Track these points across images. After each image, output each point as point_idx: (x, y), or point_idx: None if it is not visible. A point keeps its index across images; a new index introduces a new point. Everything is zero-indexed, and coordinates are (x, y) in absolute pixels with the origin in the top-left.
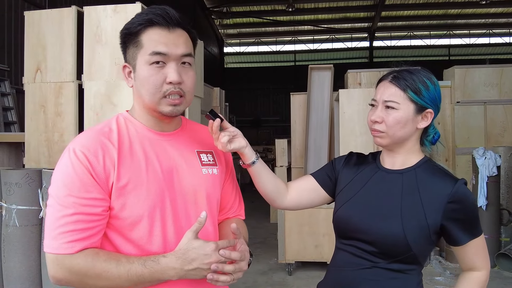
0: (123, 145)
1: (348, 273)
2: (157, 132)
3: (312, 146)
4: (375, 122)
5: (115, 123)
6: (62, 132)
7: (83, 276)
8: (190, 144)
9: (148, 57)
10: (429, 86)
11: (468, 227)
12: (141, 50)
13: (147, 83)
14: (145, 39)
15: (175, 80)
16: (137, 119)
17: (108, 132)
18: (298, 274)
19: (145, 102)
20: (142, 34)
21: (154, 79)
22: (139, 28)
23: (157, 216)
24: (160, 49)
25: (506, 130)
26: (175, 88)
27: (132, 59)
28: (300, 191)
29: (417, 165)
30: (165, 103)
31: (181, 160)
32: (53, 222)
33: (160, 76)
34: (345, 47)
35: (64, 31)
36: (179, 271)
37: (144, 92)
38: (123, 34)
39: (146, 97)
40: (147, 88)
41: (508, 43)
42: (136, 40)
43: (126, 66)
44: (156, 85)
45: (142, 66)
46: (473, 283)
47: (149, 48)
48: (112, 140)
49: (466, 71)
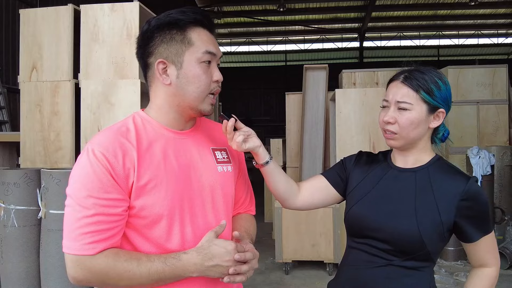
0: (141, 144)
1: (363, 271)
2: (174, 130)
3: (307, 146)
4: (388, 123)
5: (132, 123)
6: (58, 131)
7: (104, 276)
8: (205, 141)
9: (201, 55)
10: (441, 86)
11: (480, 224)
12: (191, 48)
13: (199, 80)
14: (194, 37)
15: (221, 79)
16: (155, 118)
17: (126, 131)
18: (295, 273)
19: (187, 100)
20: (191, 32)
21: (205, 78)
22: (189, 25)
23: (176, 215)
24: (211, 49)
25: (499, 130)
26: (219, 86)
27: (176, 56)
28: (312, 191)
29: (430, 163)
30: (208, 101)
31: (197, 158)
32: (73, 223)
33: (208, 74)
34: (335, 47)
35: (61, 29)
36: (200, 267)
37: (192, 89)
38: (161, 30)
39: (193, 95)
40: (198, 85)
41: (496, 43)
42: (184, 36)
43: (161, 62)
44: (207, 83)
45: (192, 63)
46: (484, 279)
47: (201, 47)
48: (131, 139)
49: (459, 71)
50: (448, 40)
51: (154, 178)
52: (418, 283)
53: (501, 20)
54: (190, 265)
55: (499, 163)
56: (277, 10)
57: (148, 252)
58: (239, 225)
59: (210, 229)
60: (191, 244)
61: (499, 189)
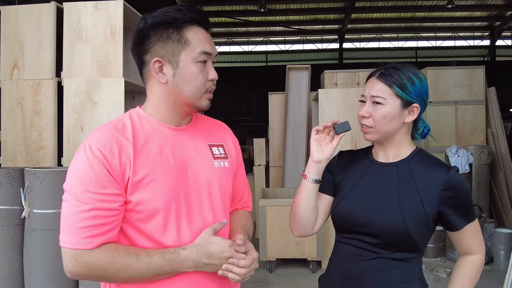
0: (137, 140)
1: (354, 265)
2: (171, 127)
3: (290, 145)
4: (363, 117)
5: (128, 119)
6: (40, 130)
7: (103, 271)
8: (202, 137)
9: (197, 55)
10: (415, 81)
11: (463, 213)
12: (188, 47)
13: (195, 79)
14: (191, 36)
15: (216, 77)
16: (151, 115)
17: (122, 128)
18: (279, 271)
19: (184, 97)
20: (188, 31)
21: (201, 77)
22: (185, 25)
23: (172, 210)
24: (207, 49)
25: (476, 129)
26: (214, 85)
27: (173, 55)
28: (323, 213)
29: (410, 157)
30: (205, 97)
31: (194, 154)
32: (71, 218)
33: (204, 74)
34: (315, 48)
35: (43, 27)
36: (197, 263)
37: (188, 89)
38: (157, 29)
39: (189, 93)
40: (195, 84)
41: (472, 46)
42: (181, 36)
43: (158, 61)
44: (203, 82)
45: (189, 63)
46: (471, 267)
47: (197, 46)
48: (127, 135)
49: (438, 72)
50: (426, 42)
51: (150, 173)
52: (407, 273)
53: (477, 23)
54: (189, 260)
55: (476, 162)
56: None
57: (144, 247)
58: (236, 221)
59: (207, 224)
60: (187, 239)
61: (477, 187)
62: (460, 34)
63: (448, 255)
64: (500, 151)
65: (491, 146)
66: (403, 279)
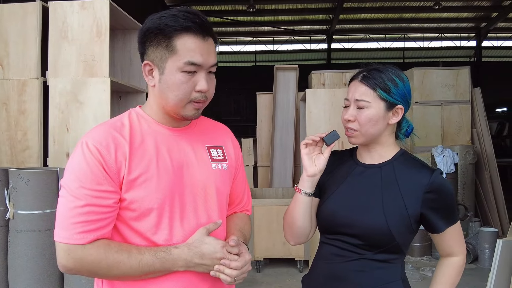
0: (134, 139)
1: (336, 265)
2: (168, 127)
3: (278, 145)
4: (348, 121)
5: (127, 118)
6: (25, 130)
7: (95, 267)
8: (200, 139)
9: (182, 65)
10: (398, 83)
11: (446, 215)
12: (174, 56)
13: (177, 89)
14: (180, 45)
15: (205, 89)
16: (150, 115)
17: (120, 126)
18: (266, 271)
19: (168, 105)
20: (177, 40)
21: (185, 87)
22: (175, 33)
23: (166, 209)
24: (196, 60)
25: (461, 129)
26: (202, 97)
27: (160, 61)
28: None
29: (394, 158)
30: (190, 107)
31: (191, 155)
32: (65, 213)
33: (190, 84)
34: (304, 48)
35: (28, 26)
36: (189, 263)
37: (171, 96)
38: (150, 33)
39: (172, 101)
40: (176, 94)
41: (459, 46)
42: (169, 44)
43: (147, 64)
44: (186, 93)
45: (173, 71)
46: (452, 268)
47: (184, 56)
48: (124, 134)
49: (424, 73)
50: (413, 42)
51: (145, 172)
52: (389, 274)
53: (464, 24)
54: (180, 260)
55: (462, 161)
56: (246, 10)
57: (137, 244)
58: (234, 223)
59: (201, 225)
60: (179, 238)
61: (462, 186)
62: (447, 35)
63: (434, 254)
64: (485, 151)
65: (477, 146)
66: (386, 280)
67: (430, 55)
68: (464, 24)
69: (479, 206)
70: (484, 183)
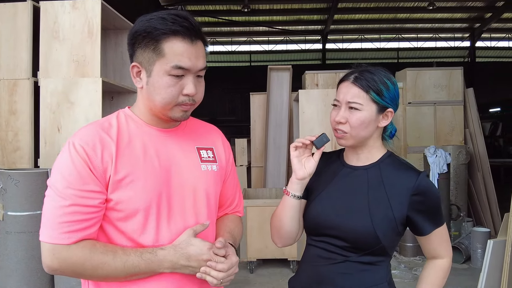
0: (122, 140)
1: (322, 268)
2: (157, 128)
3: (271, 146)
4: (339, 123)
5: (115, 119)
6: (16, 131)
7: (80, 267)
8: (190, 140)
9: (169, 68)
10: (389, 86)
11: (432, 218)
12: (162, 59)
13: (164, 92)
14: (167, 48)
15: (192, 93)
16: (139, 116)
17: (108, 127)
18: (259, 272)
19: (156, 107)
20: (165, 43)
21: (172, 90)
22: (163, 36)
23: (152, 210)
24: (183, 64)
25: (454, 130)
26: (189, 100)
27: (148, 64)
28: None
29: (381, 160)
30: (177, 109)
31: (180, 156)
32: (51, 212)
33: (177, 87)
34: (299, 49)
35: (19, 26)
36: (175, 264)
37: (158, 99)
38: (138, 35)
39: (159, 104)
40: (163, 97)
41: (453, 47)
42: (157, 47)
43: (135, 66)
44: (173, 96)
45: (160, 74)
46: (438, 270)
47: (172, 60)
48: (111, 134)
49: (417, 73)
50: (407, 43)
51: (132, 173)
52: (375, 277)
53: (458, 24)
54: (166, 261)
55: (454, 161)
56: (241, 10)
57: (122, 245)
58: (224, 225)
59: (188, 226)
60: (166, 240)
61: (455, 186)
62: (441, 35)
63: None
64: (478, 151)
65: (469, 146)
66: (371, 282)
67: (424, 56)
68: (458, 24)
69: (472, 206)
70: (477, 183)
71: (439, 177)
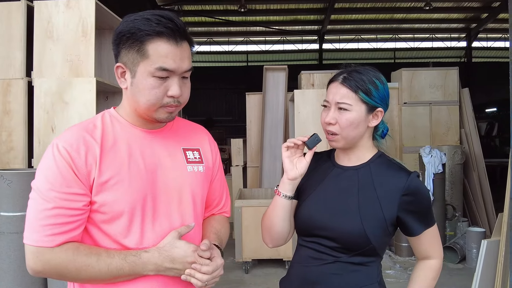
0: (106, 141)
1: (312, 268)
2: (142, 129)
3: (267, 146)
4: (329, 124)
5: (100, 120)
6: (10, 131)
7: (63, 269)
8: (176, 141)
9: (153, 70)
10: (378, 85)
11: (422, 218)
12: (146, 60)
13: (149, 93)
14: (151, 50)
15: (177, 95)
16: (124, 117)
17: (92, 128)
18: (254, 272)
19: (140, 108)
20: (149, 44)
21: (157, 92)
22: (147, 38)
23: (137, 212)
24: (168, 65)
25: (450, 130)
26: (174, 102)
27: (132, 64)
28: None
29: (371, 160)
30: (162, 111)
31: (166, 157)
32: (34, 215)
33: (162, 89)
34: (296, 49)
35: (13, 26)
36: (159, 267)
37: (142, 100)
38: (122, 36)
39: (143, 105)
40: (148, 98)
41: (449, 47)
42: (141, 48)
43: (120, 66)
44: (158, 97)
45: (144, 75)
46: (428, 271)
47: (156, 61)
48: (95, 136)
49: (412, 73)
50: (404, 43)
51: (116, 175)
52: (366, 277)
53: (454, 24)
54: (150, 264)
55: (450, 161)
56: (238, 10)
57: (107, 247)
58: (210, 226)
59: (173, 228)
60: (150, 242)
61: (450, 186)
62: (437, 36)
63: None
64: (473, 151)
65: (465, 146)
66: (362, 283)
67: (421, 56)
68: (455, 25)
69: (467, 206)
70: (472, 183)
71: (435, 177)
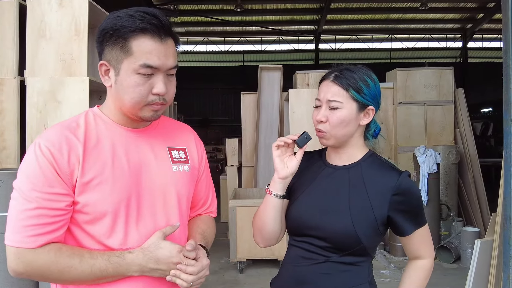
0: (89, 140)
1: (303, 268)
2: (126, 128)
3: (262, 145)
4: (320, 122)
5: (83, 119)
6: (2, 130)
7: (46, 271)
8: (161, 140)
9: (137, 67)
10: (370, 83)
11: (413, 218)
12: (130, 57)
13: (133, 91)
14: (135, 46)
15: (162, 92)
16: (108, 116)
17: (75, 127)
18: (249, 272)
19: (125, 106)
20: (133, 41)
21: (141, 89)
22: (131, 34)
23: (121, 213)
24: (152, 62)
25: (445, 130)
26: (159, 99)
27: (116, 62)
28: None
29: (362, 160)
30: (147, 109)
31: (151, 157)
32: (16, 216)
33: (147, 86)
34: (292, 48)
35: (5, 24)
36: (143, 268)
37: (127, 98)
38: (106, 33)
39: (128, 103)
40: (132, 96)
41: (445, 47)
42: (124, 45)
43: (103, 64)
44: (142, 95)
45: (128, 73)
46: (419, 271)
47: (140, 58)
48: (78, 135)
49: (407, 73)
50: (400, 43)
51: (100, 175)
52: (356, 277)
53: (450, 25)
54: (135, 265)
55: (444, 161)
56: (234, 10)
57: (90, 248)
58: (196, 226)
59: (158, 228)
60: (135, 243)
61: (445, 186)
62: (433, 36)
63: None
64: (468, 151)
65: (460, 146)
66: (352, 283)
67: (417, 56)
68: (450, 25)
69: (462, 206)
70: (467, 183)
71: (429, 177)
